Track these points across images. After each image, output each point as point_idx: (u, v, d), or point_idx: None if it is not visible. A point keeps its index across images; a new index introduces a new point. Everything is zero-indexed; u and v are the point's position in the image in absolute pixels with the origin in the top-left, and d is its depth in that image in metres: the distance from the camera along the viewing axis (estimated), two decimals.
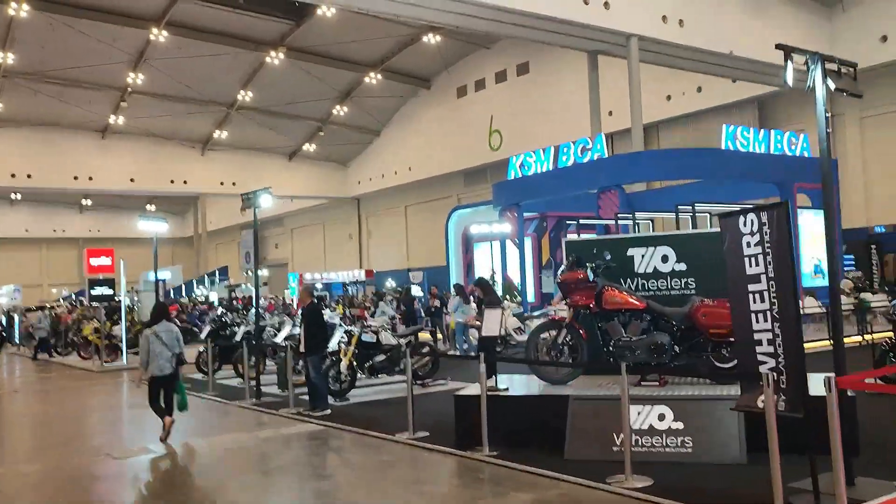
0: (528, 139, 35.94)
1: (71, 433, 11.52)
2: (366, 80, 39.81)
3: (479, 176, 40.83)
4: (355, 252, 49.69)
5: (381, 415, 11.27)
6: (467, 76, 39.91)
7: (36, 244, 59.73)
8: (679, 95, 31.46)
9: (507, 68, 38.03)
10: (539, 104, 35.83)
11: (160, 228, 18.08)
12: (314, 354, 11.46)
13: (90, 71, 36.62)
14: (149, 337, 9.90)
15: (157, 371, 9.81)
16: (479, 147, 39.09)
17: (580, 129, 30.00)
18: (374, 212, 48.70)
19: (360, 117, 43.75)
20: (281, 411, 11.79)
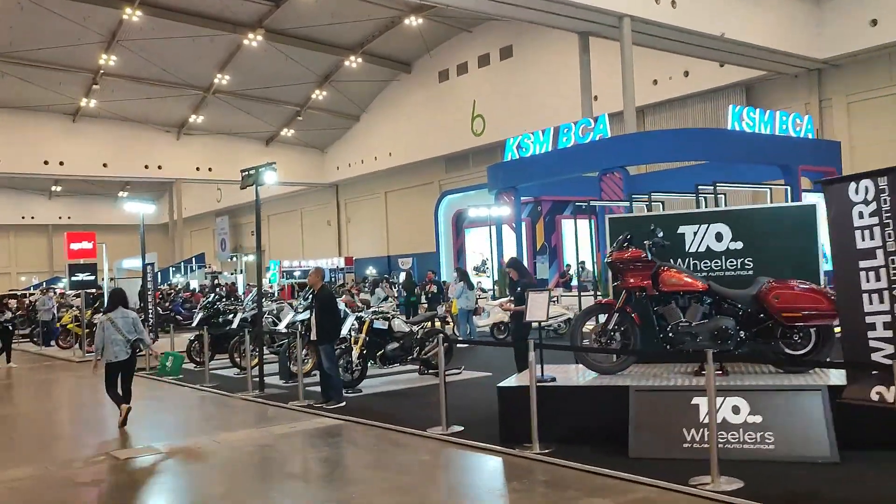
0: (513, 124, 34.99)
1: (62, 431, 10.42)
2: (346, 64, 38.57)
3: (462, 161, 39.89)
4: (334, 239, 48.48)
5: (402, 407, 10.33)
6: (449, 60, 38.83)
7: (4, 231, 57.54)
8: (666, 80, 30.71)
9: (491, 52, 37.02)
10: (523, 88, 34.92)
11: (147, 210, 16.87)
12: (327, 343, 10.44)
13: (60, 52, 34.94)
14: (104, 324, 9.83)
15: (111, 357, 9.75)
16: (462, 132, 38.09)
17: (566, 114, 29.18)
18: (354, 198, 47.51)
19: (340, 102, 42.49)
20: (290, 404, 10.78)
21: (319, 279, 10.62)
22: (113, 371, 9.86)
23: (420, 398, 11.00)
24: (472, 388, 11.43)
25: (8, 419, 11.45)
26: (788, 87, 28.61)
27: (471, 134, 37.86)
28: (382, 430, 8.93)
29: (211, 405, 11.60)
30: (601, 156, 18.90)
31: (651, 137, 20.01)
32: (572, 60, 32.30)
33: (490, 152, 37.93)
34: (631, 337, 7.93)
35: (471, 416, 8.92)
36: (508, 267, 9.68)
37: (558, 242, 23.97)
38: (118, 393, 9.89)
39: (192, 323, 15.80)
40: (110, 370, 9.85)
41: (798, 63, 27.24)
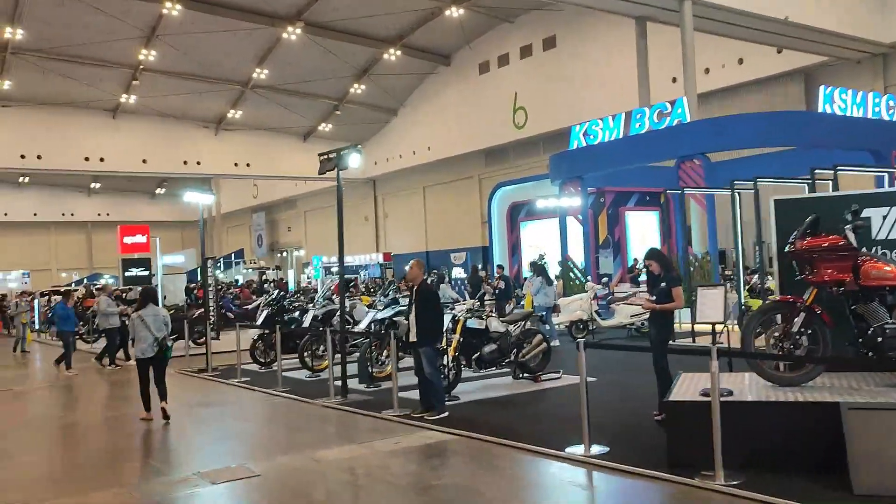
0: (556, 116, 33.54)
1: (135, 444, 9.10)
2: (384, 57, 37.19)
3: (502, 155, 38.45)
4: (371, 235, 47.18)
5: (513, 419, 8.93)
6: (490, 52, 37.31)
7: (44, 228, 56.82)
8: (718, 68, 29.00)
9: (533, 42, 35.45)
10: (568, 79, 33.34)
11: (206, 200, 15.60)
12: (429, 345, 9.07)
13: (100, 47, 33.86)
14: (135, 321, 9.88)
15: (139, 354, 9.82)
16: (502, 125, 36.59)
17: (614, 104, 27.62)
18: (391, 193, 46.13)
19: (378, 96, 41.13)
20: (384, 413, 9.42)
21: (420, 273, 9.24)
22: (143, 367, 9.91)
23: (527, 408, 9.60)
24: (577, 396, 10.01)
25: (75, 430, 10.17)
26: (851, 74, 26.83)
27: (512, 127, 36.35)
28: (506, 448, 7.55)
29: (293, 414, 10.25)
30: (680, 142, 17.35)
31: (736, 121, 18.38)
32: (619, 50, 30.94)
33: (532, 145, 36.51)
34: (820, 341, 6.47)
35: (605, 433, 7.48)
36: (649, 259, 8.23)
37: (622, 235, 22.44)
38: (149, 394, 9.92)
39: (257, 321, 14.48)
40: (140, 367, 9.94)
41: (862, 48, 25.58)
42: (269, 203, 54.03)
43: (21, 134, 37.39)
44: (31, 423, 10.86)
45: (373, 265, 39.32)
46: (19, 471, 7.99)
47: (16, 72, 34.99)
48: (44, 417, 11.32)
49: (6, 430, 10.29)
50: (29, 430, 10.35)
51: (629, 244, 22.56)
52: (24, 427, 10.59)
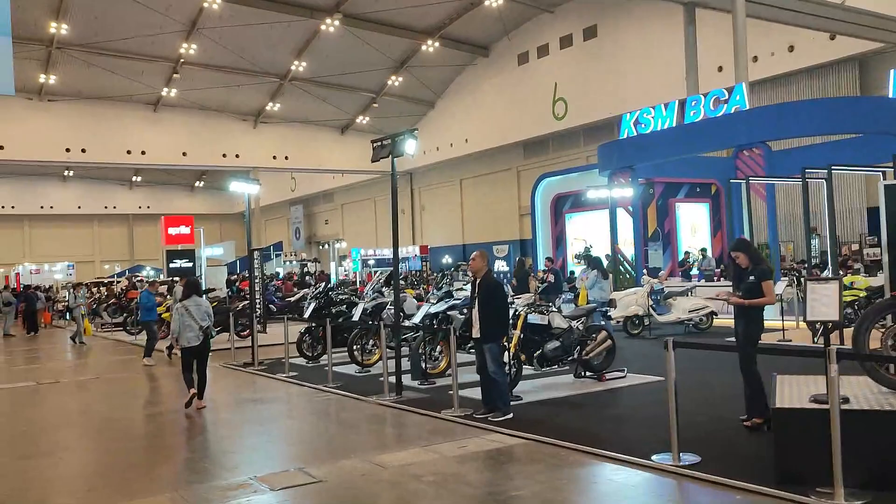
0: (597, 107, 32.72)
1: (185, 442, 8.62)
2: (422, 49, 36.57)
3: (541, 147, 37.66)
4: (408, 227, 46.67)
5: (583, 422, 8.28)
6: (529, 42, 36.48)
7: (87, 220, 57.31)
8: (767, 56, 27.90)
9: (573, 32, 34.54)
10: (609, 69, 32.42)
11: (252, 190, 15.14)
12: (494, 342, 8.45)
13: (143, 42, 33.73)
14: (180, 310, 10.03)
15: (185, 343, 10.01)
16: (542, 116, 35.77)
17: (657, 94, 26.76)
18: (428, 186, 45.56)
19: (415, 88, 40.54)
20: (444, 413, 8.83)
21: (485, 264, 8.61)
22: (188, 356, 10.07)
23: (597, 409, 8.95)
24: (653, 397, 9.34)
25: (125, 425, 9.73)
26: None
27: (551, 118, 35.51)
28: (584, 454, 6.91)
29: (347, 412, 9.71)
30: (740, 130, 16.49)
31: (801, 108, 17.47)
32: (662, 39, 29.99)
33: (572, 137, 35.69)
34: None
35: (691, 440, 6.80)
36: (736, 250, 7.51)
37: (672, 228, 21.59)
38: (192, 377, 10.04)
39: (304, 314, 13.99)
40: (185, 355, 10.10)
41: None
42: (306, 196, 53.78)
43: (66, 128, 37.54)
44: (81, 418, 10.46)
45: (413, 258, 38.73)
46: (66, 469, 7.56)
47: (61, 66, 35.05)
48: (93, 412, 10.91)
49: (52, 425, 9.90)
50: (76, 425, 9.95)
51: (679, 236, 21.71)
52: (70, 423, 10.19)
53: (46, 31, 32.06)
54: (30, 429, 9.67)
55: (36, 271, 44.19)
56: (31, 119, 36.87)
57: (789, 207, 24.97)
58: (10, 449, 8.56)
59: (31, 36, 32.10)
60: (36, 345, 22.10)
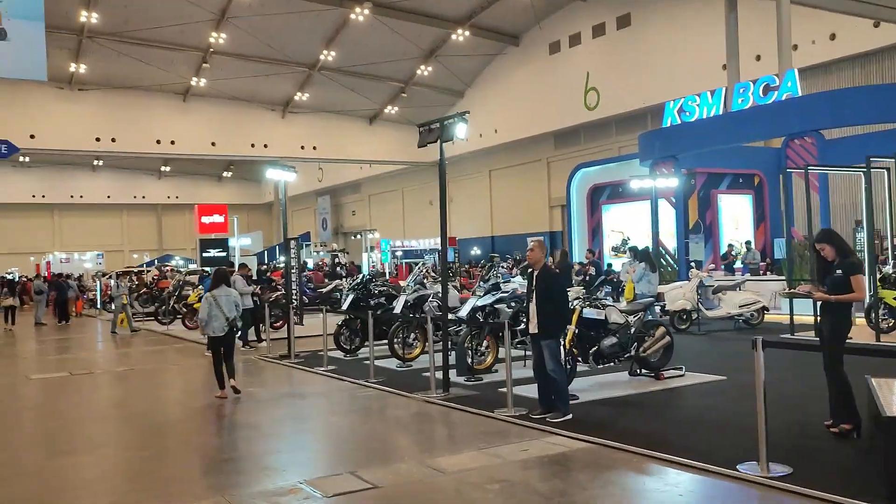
0: (630, 97, 31.94)
1: (226, 440, 8.16)
2: (452, 38, 35.98)
3: (572, 137, 36.93)
4: (436, 219, 45.99)
5: (650, 424, 7.70)
6: (561, 31, 35.70)
7: (117, 210, 57.48)
8: (807, 44, 26.95)
9: (606, 21, 33.72)
10: (643, 59, 31.59)
11: (289, 178, 14.67)
12: (553, 337, 7.90)
13: (172, 31, 33.46)
14: (209, 300, 10.02)
15: (211, 332, 10.04)
16: (573, 107, 35.03)
17: (693, 83, 25.93)
18: (457, 177, 44.88)
19: (445, 77, 39.95)
20: (498, 413, 8.29)
21: (543, 254, 8.05)
22: (214, 345, 10.13)
23: (661, 411, 8.37)
24: (718, 398, 8.76)
25: (155, 421, 9.32)
26: None
27: (583, 108, 34.77)
28: (659, 462, 6.34)
29: (394, 409, 9.20)
30: (791, 118, 15.74)
31: (858, 94, 16.66)
32: (698, 27, 29.14)
33: (604, 127, 34.95)
34: None
35: (776, 448, 6.20)
36: (821, 242, 6.88)
37: (714, 220, 20.84)
38: (223, 371, 10.11)
39: (342, 306, 13.51)
40: (212, 345, 10.16)
41: None
42: (334, 186, 53.42)
43: (96, 117, 37.45)
44: (115, 412, 10.07)
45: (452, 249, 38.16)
46: (102, 468, 7.13)
47: (91, 56, 34.93)
48: (128, 405, 10.51)
49: (86, 419, 9.52)
50: (111, 419, 9.55)
51: (721, 229, 20.97)
52: (105, 417, 9.80)
53: (77, 19, 31.88)
54: (64, 423, 9.29)
55: (66, 260, 44.28)
56: (61, 108, 36.83)
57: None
58: (45, 445, 8.17)
59: (62, 25, 31.92)
60: (67, 334, 21.90)
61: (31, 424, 9.19)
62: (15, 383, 12.60)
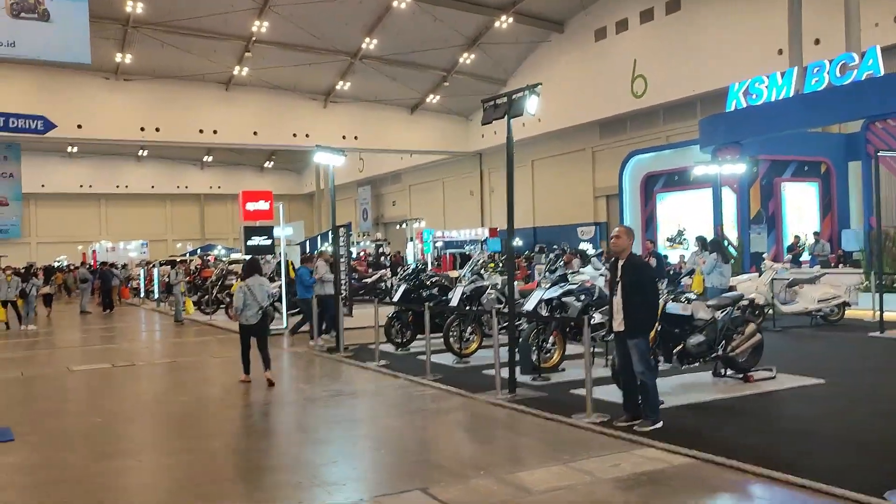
0: (679, 84, 30.52)
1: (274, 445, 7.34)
2: (495, 25, 34.87)
3: (618, 126, 35.62)
4: (476, 209, 45.17)
5: (753, 435, 6.69)
6: (607, 17, 34.35)
7: (160, 200, 57.55)
8: (870, 28, 25.34)
9: (655, 6, 32.29)
10: (693, 44, 30.14)
11: (337, 162, 13.84)
12: (641, 336, 6.93)
13: (215, 20, 32.87)
14: (244, 289, 9.99)
15: (244, 321, 10.01)
16: (619, 95, 33.69)
17: (746, 69, 24.51)
18: (498, 167, 43.86)
19: (487, 66, 38.85)
20: (576, 419, 7.35)
21: (630, 242, 7.08)
22: (245, 334, 10.11)
23: (762, 420, 7.36)
24: (825, 406, 7.71)
25: (199, 421, 8.56)
26: None
27: (630, 96, 33.41)
28: (781, 484, 5.34)
29: (457, 412, 8.31)
30: (872, 99, 14.43)
31: None
32: (751, 11, 27.67)
33: (651, 116, 33.61)
34: None
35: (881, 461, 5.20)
36: None
37: (777, 209, 19.55)
38: (249, 359, 10.13)
39: (394, 297, 12.66)
40: (243, 333, 10.13)
41: None
42: (374, 177, 52.72)
43: (140, 107, 37.15)
44: (158, 409, 9.34)
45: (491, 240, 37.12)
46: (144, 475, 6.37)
47: (136, 46, 34.53)
48: (170, 402, 9.78)
49: (128, 417, 8.79)
50: (153, 418, 8.82)
51: (785, 219, 19.66)
52: (147, 415, 9.07)
53: (123, 9, 31.48)
54: (105, 420, 8.56)
55: (111, 249, 44.23)
56: (107, 98, 36.58)
57: None
58: (86, 446, 7.42)
59: (109, 15, 31.56)
60: (111, 322, 21.44)
61: (73, 422, 8.49)
62: (56, 375, 11.99)
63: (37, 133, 8.09)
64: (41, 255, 51.06)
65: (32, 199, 51.12)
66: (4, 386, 11.23)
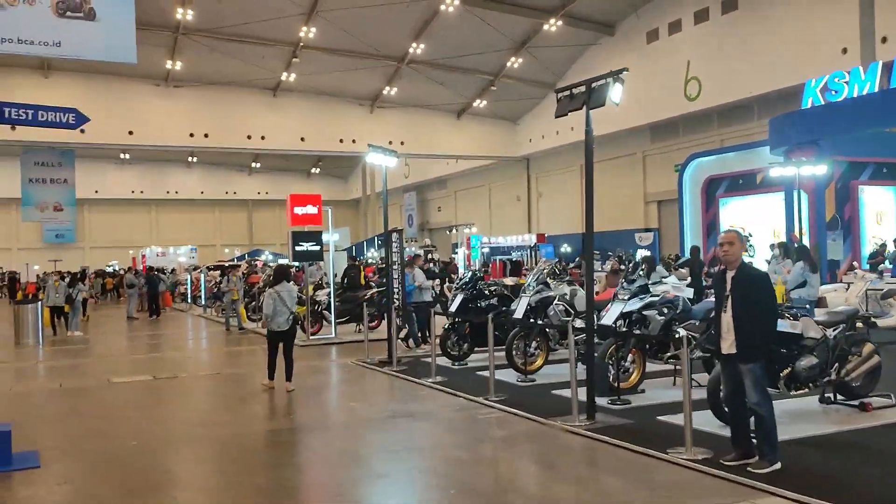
0: (735, 86, 28.93)
1: (333, 482, 6.34)
2: (544, 28, 33.67)
3: (670, 130, 34.14)
4: (523, 215, 43.98)
5: (883, 478, 5.48)
6: (659, 19, 32.93)
7: (209, 206, 57.57)
8: None
9: (710, 6, 30.77)
10: (750, 45, 28.55)
11: (390, 163, 12.91)
12: (757, 361, 5.77)
13: (263, 26, 32.40)
14: (273, 296, 9.91)
15: (275, 327, 9.93)
16: (672, 97, 32.21)
17: (806, 71, 22.96)
18: (546, 172, 42.66)
19: (535, 69, 37.66)
20: (674, 455, 6.19)
21: (742, 250, 5.94)
22: (274, 340, 10.03)
23: (890, 458, 6.12)
24: None
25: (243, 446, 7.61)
26: None
27: (683, 99, 31.92)
28: None
29: (531, 442, 7.19)
30: None
31: None
32: (812, 9, 26.09)
33: (704, 119, 32.09)
34: None
35: None
36: None
37: (854, 214, 18.04)
38: (275, 363, 10.01)
39: (450, 307, 11.63)
40: (272, 339, 10.06)
41: None
42: (420, 182, 51.92)
43: (190, 113, 36.94)
44: (199, 432, 8.43)
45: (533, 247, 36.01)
46: None
47: (186, 53, 34.28)
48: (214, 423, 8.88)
49: (166, 440, 7.90)
50: (194, 441, 7.91)
51: (863, 224, 18.13)
52: (187, 439, 8.16)
53: (173, 17, 31.21)
54: (141, 443, 7.65)
55: (161, 254, 44.21)
56: (157, 105, 36.45)
57: None
58: (118, 476, 6.50)
59: (160, 23, 31.36)
60: (157, 329, 20.82)
61: (107, 445, 7.60)
62: (96, 388, 11.21)
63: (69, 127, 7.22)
64: (94, 259, 51.39)
65: (86, 205, 51.47)
66: (42, 399, 10.50)
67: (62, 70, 34.40)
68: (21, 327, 17.41)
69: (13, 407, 9.55)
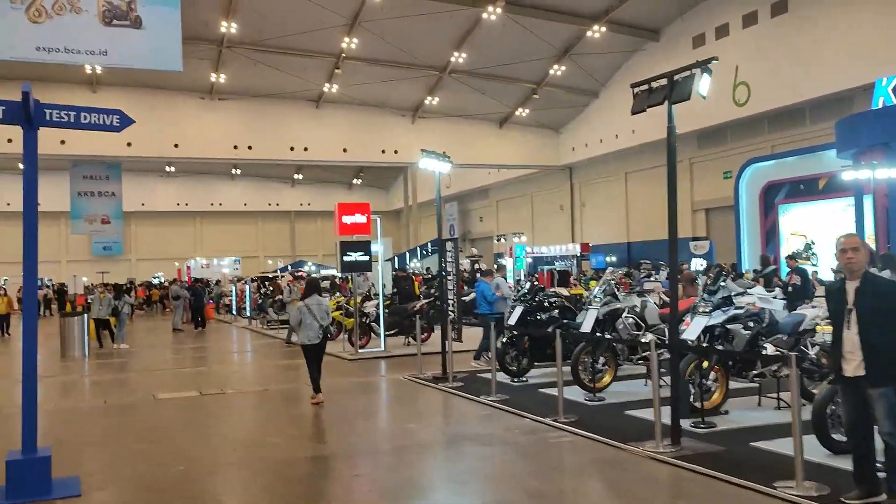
0: (785, 91, 27.66)
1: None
2: (587, 35, 32.82)
3: (717, 136, 32.94)
4: (566, 224, 43.03)
5: None
6: (706, 23, 31.83)
7: (252, 217, 57.69)
8: None
9: (759, 9, 29.61)
10: (800, 48, 27.33)
11: (443, 169, 12.30)
12: (891, 385, 4.95)
13: (306, 38, 32.19)
14: (301, 309, 9.86)
15: (306, 340, 9.89)
16: (720, 103, 30.90)
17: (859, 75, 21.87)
18: (589, 181, 41.69)
19: (578, 77, 36.79)
20: (781, 489, 5.38)
21: (867, 256, 5.15)
22: (308, 353, 9.99)
23: None
24: None
25: (293, 474, 6.97)
26: None
27: (731, 104, 30.71)
28: None
29: (613, 471, 6.43)
30: None
31: None
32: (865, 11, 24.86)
33: (754, 125, 30.85)
34: None
35: None
36: None
37: None
38: (318, 378, 9.95)
39: (509, 320, 10.90)
40: (306, 353, 10.01)
41: None
42: (461, 192, 51.34)
43: (234, 125, 36.92)
44: (246, 456, 7.83)
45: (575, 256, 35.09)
46: None
47: (229, 65, 34.23)
48: (262, 445, 8.28)
49: (212, 464, 7.31)
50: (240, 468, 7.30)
51: None
52: (233, 464, 7.56)
53: (217, 30, 31.17)
54: (188, 468, 7.06)
55: (206, 265, 44.28)
56: (202, 117, 36.50)
57: None
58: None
59: (204, 36, 31.34)
60: (203, 342, 20.45)
61: (152, 469, 7.02)
62: (141, 404, 10.72)
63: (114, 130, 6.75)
64: (140, 271, 51.80)
65: (133, 218, 51.91)
66: (86, 417, 10.04)
67: (110, 84, 34.61)
68: (67, 340, 17.18)
69: (56, 426, 9.08)
